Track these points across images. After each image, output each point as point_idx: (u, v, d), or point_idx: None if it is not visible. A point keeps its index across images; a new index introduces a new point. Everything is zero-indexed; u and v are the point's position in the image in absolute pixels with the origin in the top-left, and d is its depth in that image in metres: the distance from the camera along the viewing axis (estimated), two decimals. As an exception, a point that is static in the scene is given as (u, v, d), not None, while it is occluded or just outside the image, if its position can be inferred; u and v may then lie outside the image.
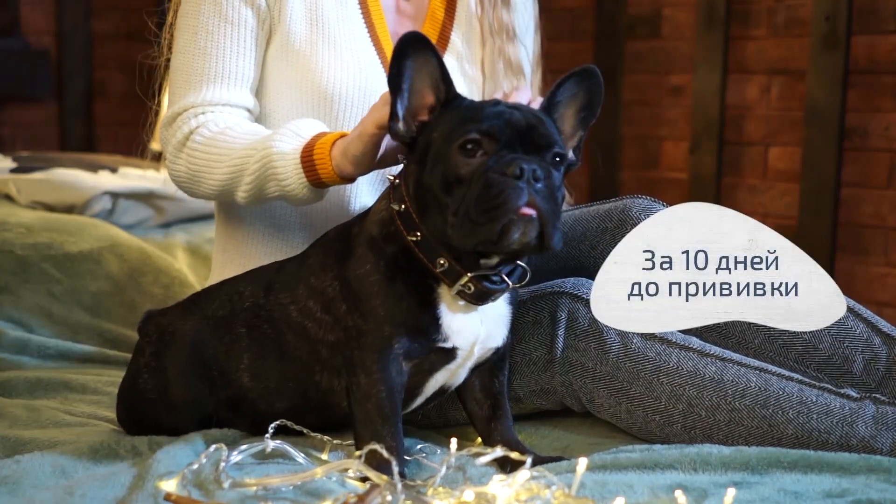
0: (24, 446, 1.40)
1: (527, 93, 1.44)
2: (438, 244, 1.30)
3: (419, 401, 1.42)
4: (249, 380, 1.44)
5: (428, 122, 1.32)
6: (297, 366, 1.41)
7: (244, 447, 1.29)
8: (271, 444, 1.31)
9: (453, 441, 1.30)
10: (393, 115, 1.32)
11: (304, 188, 1.46)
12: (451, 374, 1.40)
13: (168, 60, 1.67)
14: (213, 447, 1.27)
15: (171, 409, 1.46)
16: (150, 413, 1.48)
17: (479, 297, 1.34)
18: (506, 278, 1.34)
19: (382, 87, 1.64)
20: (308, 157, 1.45)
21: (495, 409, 1.45)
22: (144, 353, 1.50)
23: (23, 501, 1.15)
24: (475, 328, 1.36)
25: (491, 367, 1.45)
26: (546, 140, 1.28)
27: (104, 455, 1.31)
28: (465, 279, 1.31)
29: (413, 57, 1.29)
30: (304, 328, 1.39)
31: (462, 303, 1.34)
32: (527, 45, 1.79)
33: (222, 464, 1.24)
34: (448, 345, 1.35)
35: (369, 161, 1.41)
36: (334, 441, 1.42)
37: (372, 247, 1.35)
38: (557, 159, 1.29)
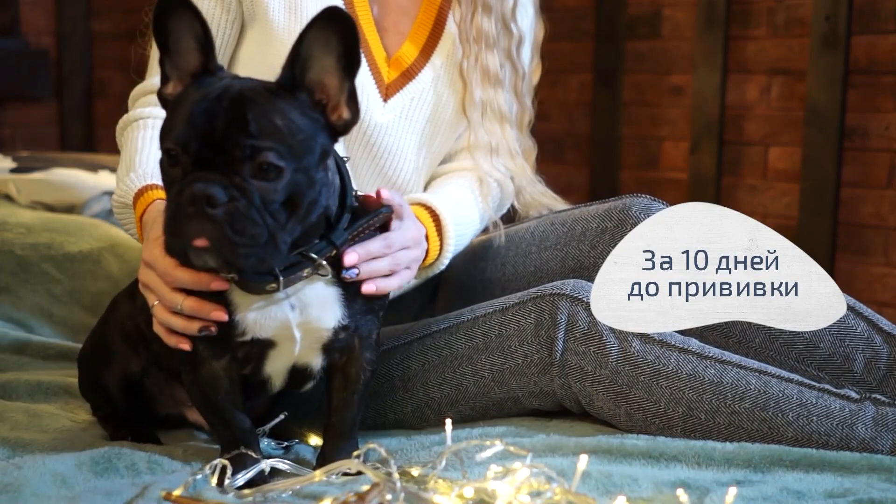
0: (24, 448, 1.40)
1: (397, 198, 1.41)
2: None
3: (278, 385, 1.37)
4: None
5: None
6: None
7: (245, 471, 1.29)
8: (270, 463, 1.32)
9: (448, 422, 1.27)
10: (163, 76, 1.26)
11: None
12: (289, 358, 1.33)
13: None
14: (216, 460, 1.27)
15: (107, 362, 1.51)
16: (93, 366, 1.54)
17: (248, 287, 1.25)
18: (275, 269, 1.22)
19: (361, 75, 1.65)
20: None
21: (345, 407, 1.38)
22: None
23: (23, 510, 1.16)
24: (281, 315, 1.27)
25: (357, 360, 1.37)
26: (244, 150, 1.14)
27: (105, 468, 1.31)
28: (225, 271, 1.23)
29: (177, 17, 1.22)
30: None
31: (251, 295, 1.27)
32: (524, 49, 1.78)
33: (227, 480, 1.25)
34: (247, 337, 1.28)
35: None
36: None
37: None
38: (269, 168, 1.15)
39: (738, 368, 1.44)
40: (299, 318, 1.28)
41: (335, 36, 1.20)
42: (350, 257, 1.29)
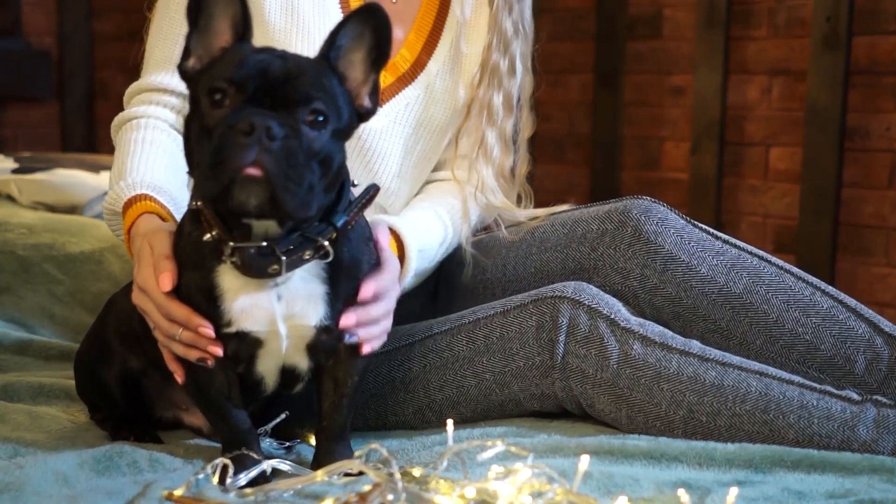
0: (26, 448, 1.40)
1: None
2: (211, 213, 1.25)
3: (271, 385, 1.36)
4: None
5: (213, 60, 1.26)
6: None
7: (247, 471, 1.29)
8: (271, 463, 1.32)
9: (450, 423, 1.27)
10: (186, 50, 1.27)
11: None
12: (278, 357, 1.32)
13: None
14: (218, 460, 1.27)
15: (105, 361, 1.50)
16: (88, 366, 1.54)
17: (250, 269, 1.24)
18: (277, 251, 1.22)
19: None
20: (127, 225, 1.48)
21: (335, 410, 1.38)
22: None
23: (25, 509, 1.16)
24: (268, 306, 1.27)
25: (345, 363, 1.37)
26: (300, 95, 1.18)
27: (106, 466, 1.31)
28: (228, 249, 1.23)
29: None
30: None
31: (244, 281, 1.26)
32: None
33: (228, 480, 1.25)
34: (232, 329, 1.27)
35: None
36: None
37: (179, 227, 1.33)
38: (319, 118, 1.19)
39: (739, 370, 1.44)
40: (285, 311, 1.28)
41: (370, 31, 1.25)
42: (348, 319, 1.31)
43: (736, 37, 3.15)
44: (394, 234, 1.58)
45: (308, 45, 1.61)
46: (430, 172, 1.79)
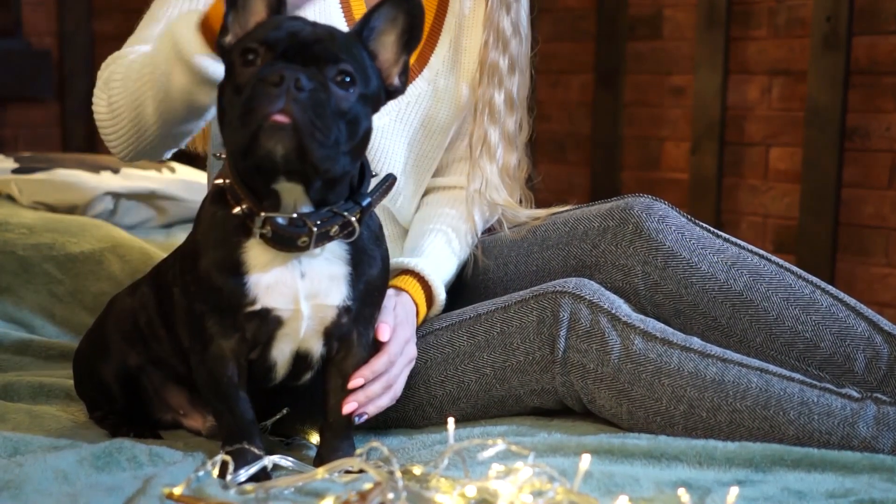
0: (26, 446, 1.40)
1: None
2: (240, 185, 1.28)
3: (281, 373, 1.38)
4: (164, 342, 1.47)
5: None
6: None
7: (247, 466, 1.29)
8: (273, 459, 1.32)
9: (450, 421, 1.27)
10: (224, 28, 1.31)
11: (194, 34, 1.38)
12: (294, 341, 1.34)
13: None
14: (218, 457, 1.27)
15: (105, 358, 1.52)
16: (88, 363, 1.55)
17: (280, 241, 1.27)
18: (308, 222, 1.26)
19: None
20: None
21: (341, 407, 1.39)
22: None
23: (25, 508, 1.16)
24: (291, 283, 1.29)
25: (353, 359, 1.39)
26: (329, 54, 1.23)
27: (106, 462, 1.31)
28: (260, 221, 1.26)
29: None
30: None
31: (270, 257, 1.28)
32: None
33: (229, 476, 1.25)
34: (256, 307, 1.29)
35: None
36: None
37: (200, 211, 1.35)
38: (346, 79, 1.23)
39: (739, 367, 1.45)
40: (308, 289, 1.30)
41: (403, 15, 1.31)
42: (349, 406, 1.38)
43: (736, 37, 3.15)
44: (417, 276, 1.59)
45: None
46: (434, 177, 1.78)
